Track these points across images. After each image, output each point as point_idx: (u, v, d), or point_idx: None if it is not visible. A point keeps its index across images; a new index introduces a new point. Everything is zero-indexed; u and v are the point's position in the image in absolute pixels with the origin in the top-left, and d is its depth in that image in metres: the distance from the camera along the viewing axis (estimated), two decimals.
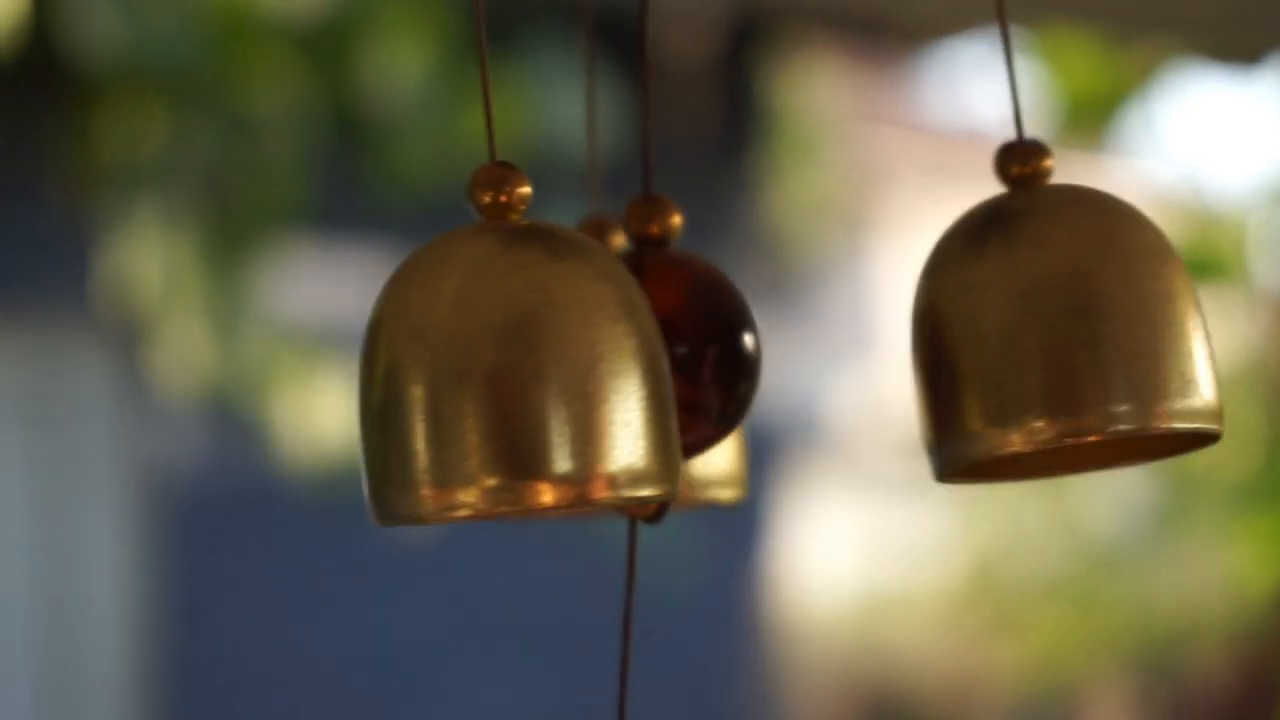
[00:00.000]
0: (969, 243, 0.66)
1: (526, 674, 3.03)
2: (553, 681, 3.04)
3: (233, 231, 2.15)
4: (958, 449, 0.65)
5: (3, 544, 2.68)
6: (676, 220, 0.68)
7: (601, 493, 0.59)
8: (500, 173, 0.62)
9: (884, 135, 4.87)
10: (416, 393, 0.59)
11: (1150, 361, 0.63)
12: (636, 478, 0.60)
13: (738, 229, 3.36)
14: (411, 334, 0.60)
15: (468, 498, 0.59)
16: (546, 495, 0.58)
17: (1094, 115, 2.89)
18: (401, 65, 2.14)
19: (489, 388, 0.59)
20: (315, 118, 2.14)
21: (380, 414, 0.60)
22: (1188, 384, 0.64)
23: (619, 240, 0.75)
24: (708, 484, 0.72)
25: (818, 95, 3.80)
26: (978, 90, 4.56)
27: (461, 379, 0.59)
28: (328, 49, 2.13)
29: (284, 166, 2.15)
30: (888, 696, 4.59)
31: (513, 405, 0.58)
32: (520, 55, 2.33)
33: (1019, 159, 0.68)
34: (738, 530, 3.29)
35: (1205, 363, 0.65)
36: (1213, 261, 3.15)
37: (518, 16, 2.41)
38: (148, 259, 2.13)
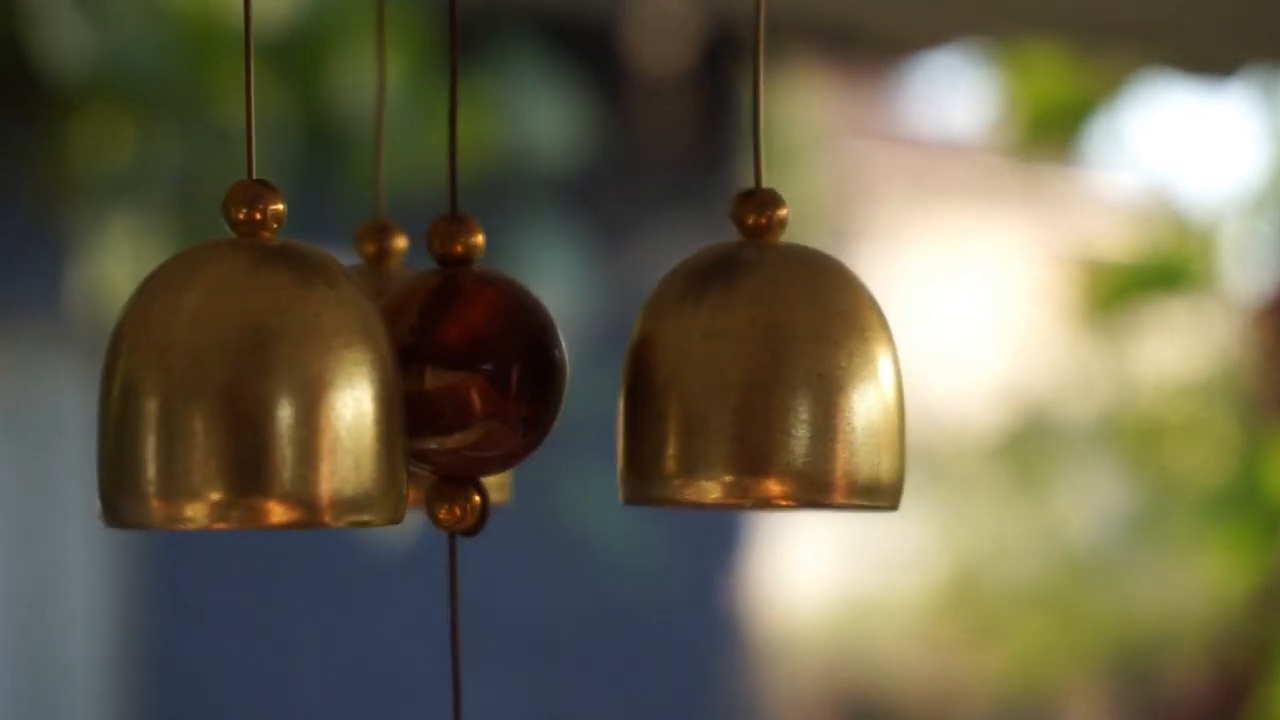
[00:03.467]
0: (690, 288, 0.67)
1: (511, 680, 3.04)
2: (537, 687, 3.06)
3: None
4: (649, 487, 0.66)
5: None
6: (479, 239, 0.69)
7: (324, 517, 0.61)
8: (254, 190, 0.64)
9: (866, 147, 4.89)
10: (150, 405, 0.61)
11: (834, 438, 0.64)
12: (359, 504, 0.62)
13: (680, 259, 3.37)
14: (149, 346, 0.61)
15: (194, 511, 0.60)
16: (274, 515, 0.60)
17: (1061, 126, 2.91)
18: (373, 76, 2.16)
19: (219, 405, 0.60)
20: (286, 128, 2.16)
21: (116, 422, 0.62)
22: (869, 463, 0.65)
23: (400, 243, 0.77)
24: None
25: (799, 108, 3.82)
26: (958, 102, 4.58)
27: (193, 395, 0.60)
28: (298, 60, 2.15)
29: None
30: (868, 704, 4.60)
31: (240, 424, 0.60)
32: (490, 66, 2.34)
33: (754, 208, 0.68)
34: (717, 538, 3.31)
35: (891, 444, 0.66)
36: (1184, 271, 3.16)
37: (488, 28, 2.43)
38: (121, 269, 2.14)
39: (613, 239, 2.94)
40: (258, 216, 0.63)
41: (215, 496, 0.60)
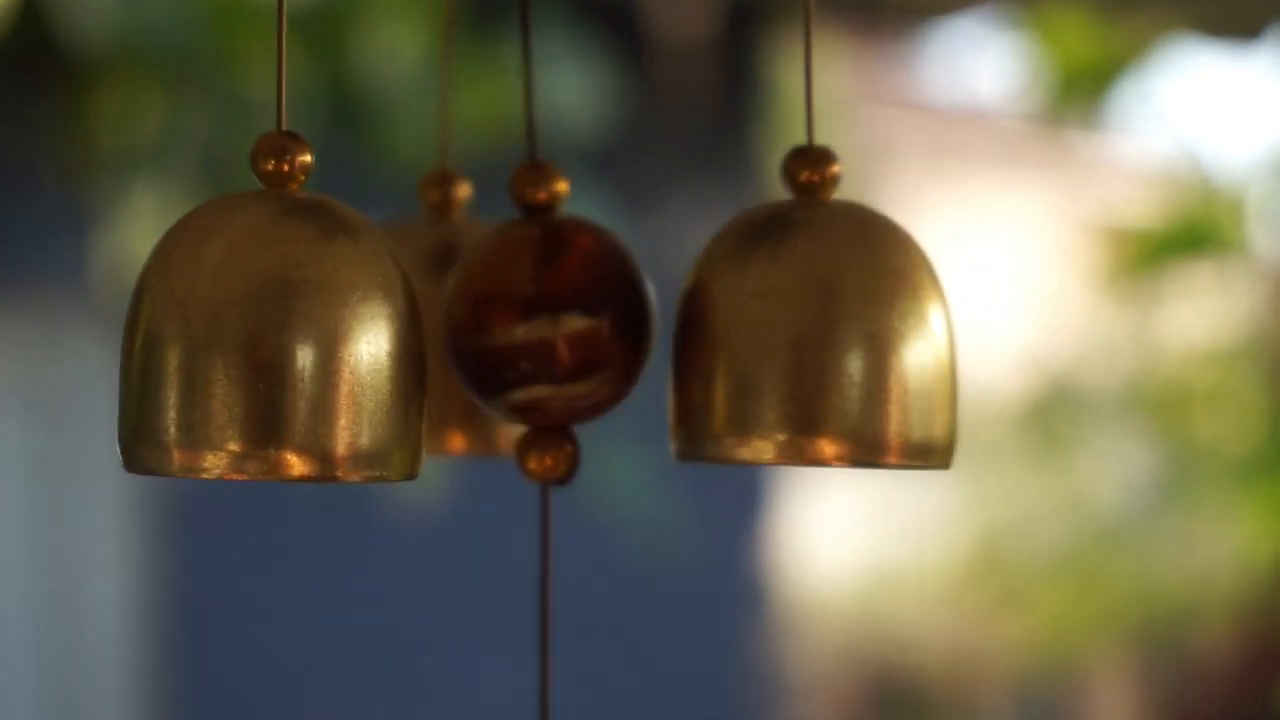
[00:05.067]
0: (742, 245, 0.66)
1: (529, 655, 3.04)
2: (562, 658, 3.06)
3: None
4: (700, 446, 0.66)
5: (2, 527, 2.69)
6: (562, 186, 0.69)
7: (340, 470, 0.61)
8: (283, 141, 0.64)
9: (886, 114, 4.87)
10: (171, 355, 0.61)
11: (887, 398, 0.64)
12: (375, 459, 0.61)
13: (739, 208, 3.36)
14: (171, 297, 0.61)
15: (212, 462, 0.60)
16: (290, 467, 0.60)
17: (1088, 89, 2.89)
18: (397, 45, 2.15)
19: (238, 357, 0.60)
20: (310, 98, 2.15)
21: (138, 371, 0.62)
22: (921, 423, 0.65)
23: (464, 192, 0.77)
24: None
25: (820, 74, 3.80)
26: (980, 68, 4.56)
27: (213, 346, 0.60)
28: (323, 29, 2.14)
29: None
30: (892, 672, 4.60)
31: (259, 377, 0.60)
32: (518, 34, 2.33)
33: (807, 164, 0.68)
34: (741, 506, 3.30)
35: (943, 403, 0.65)
36: (1212, 235, 3.15)
37: None
38: (146, 241, 2.14)
39: (636, 206, 2.92)
40: (285, 168, 0.63)
41: (233, 447, 0.60)
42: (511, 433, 0.73)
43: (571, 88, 2.37)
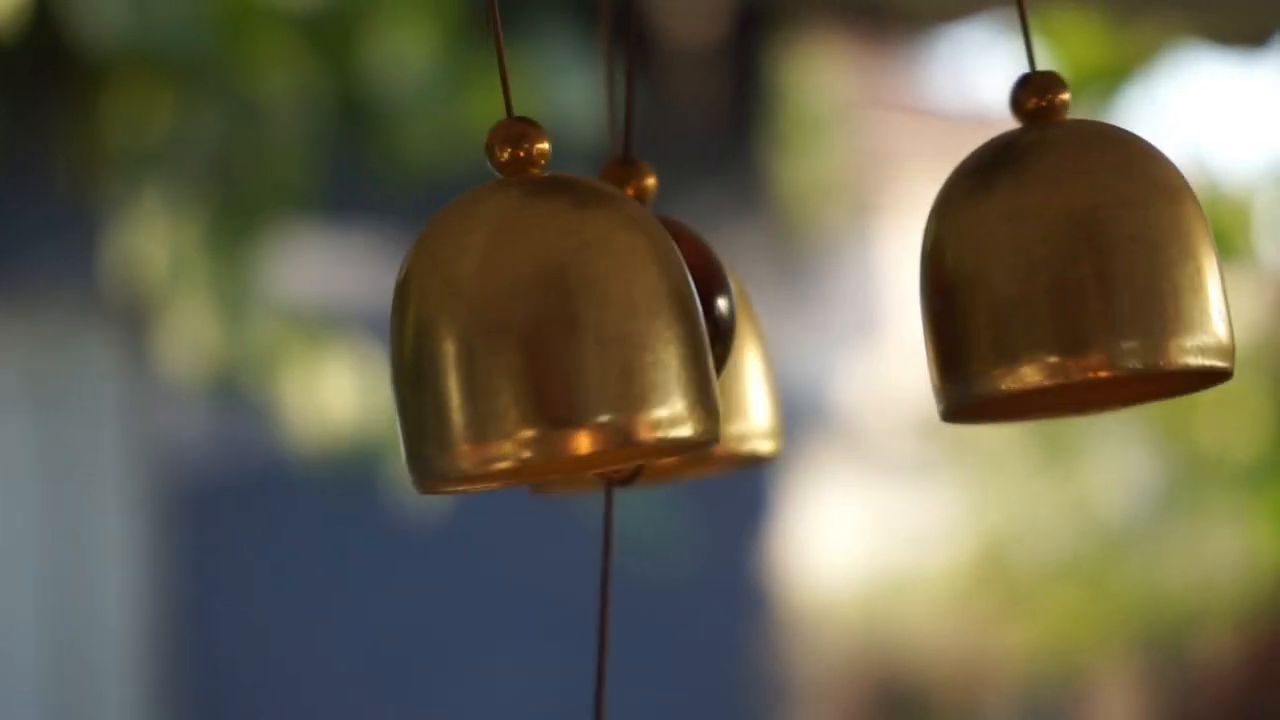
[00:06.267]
0: (979, 179, 0.65)
1: (540, 654, 3.04)
2: (564, 664, 3.06)
3: (239, 215, 2.16)
4: (966, 387, 0.64)
5: (11, 525, 2.69)
6: (651, 182, 0.68)
7: (644, 435, 0.59)
8: (519, 128, 0.62)
9: (891, 119, 4.87)
10: (449, 348, 0.59)
11: (1159, 299, 0.62)
12: (677, 420, 0.59)
13: (744, 213, 3.36)
14: (442, 289, 0.59)
15: (506, 450, 0.59)
16: (584, 443, 0.59)
17: (1096, 95, 2.89)
18: (406, 49, 2.15)
19: (523, 339, 0.58)
20: (321, 101, 2.15)
21: (414, 371, 0.60)
22: (1197, 321, 0.63)
23: (650, 181, 0.74)
24: (745, 438, 0.71)
25: (825, 80, 3.81)
26: (985, 74, 4.56)
27: (495, 331, 0.59)
28: (333, 33, 2.14)
29: (290, 150, 2.16)
30: (897, 679, 4.60)
31: (548, 354, 0.58)
32: (527, 38, 2.33)
33: (1035, 91, 0.67)
34: (746, 512, 3.30)
35: (1217, 299, 0.64)
36: (1218, 242, 3.15)
37: (521, 1, 2.42)
38: (155, 243, 2.14)
39: None
40: (522, 154, 0.62)
41: (528, 434, 0.58)
42: None
43: (578, 92, 2.37)
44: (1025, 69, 0.70)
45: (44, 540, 2.71)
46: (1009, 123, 0.69)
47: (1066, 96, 0.67)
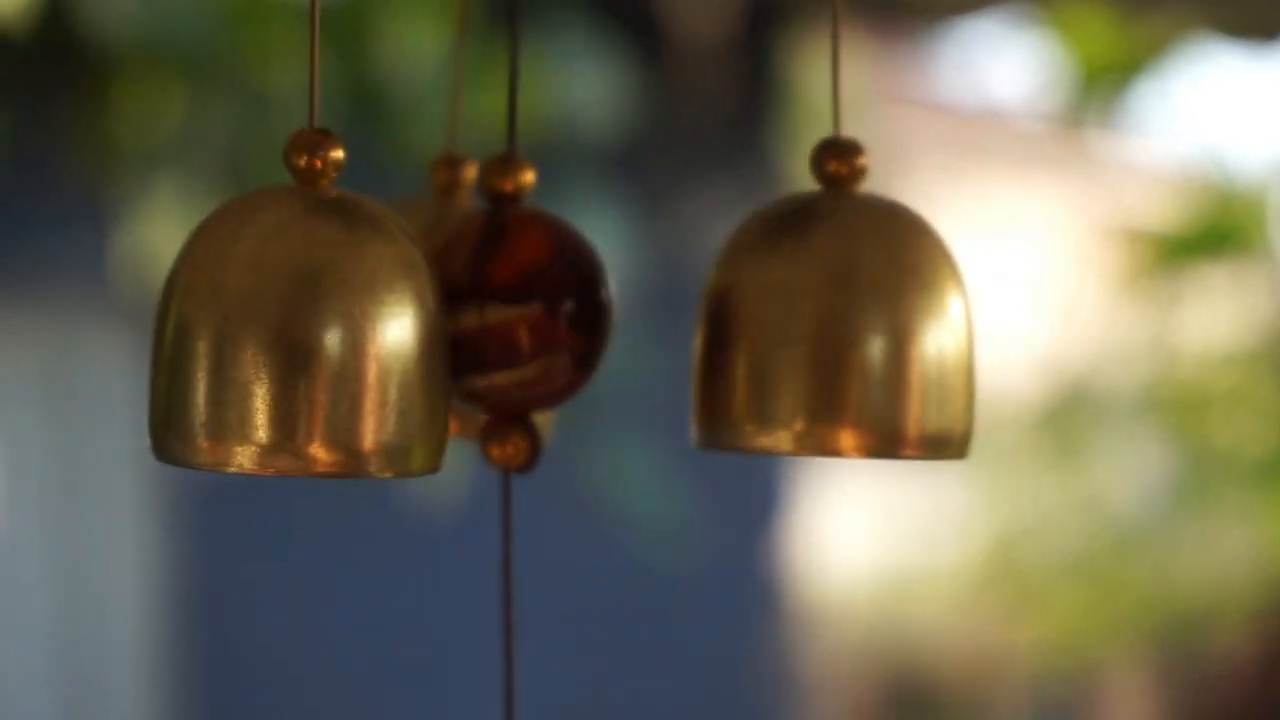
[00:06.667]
0: (767, 235, 0.67)
1: (547, 648, 3.04)
2: (574, 656, 3.06)
3: None
4: (723, 434, 0.67)
5: (21, 521, 2.70)
6: (529, 177, 0.70)
7: (369, 465, 0.61)
8: (315, 138, 0.65)
9: (904, 114, 4.86)
10: (202, 348, 0.61)
11: (900, 388, 0.65)
12: (399, 454, 0.62)
13: (762, 201, 3.36)
14: (203, 291, 0.62)
15: (241, 456, 0.61)
16: (319, 462, 0.61)
17: (1107, 90, 2.89)
18: (417, 43, 2.15)
19: (268, 352, 0.61)
20: (332, 95, 2.15)
21: (169, 362, 0.62)
22: (934, 415, 0.65)
23: (470, 173, 0.78)
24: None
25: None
26: (997, 68, 4.55)
27: (245, 341, 0.61)
28: (344, 26, 2.14)
29: None
30: (907, 675, 4.59)
31: (288, 374, 0.61)
32: (537, 34, 2.33)
33: (836, 155, 0.68)
34: (758, 507, 3.30)
35: (959, 392, 0.66)
36: (1231, 237, 3.14)
37: None
38: (166, 237, 2.14)
39: (655, 204, 2.93)
40: (318, 164, 0.64)
41: (263, 442, 0.60)
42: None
43: (591, 86, 2.37)
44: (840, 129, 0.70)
45: (54, 537, 2.72)
46: (1022, 117, 0.69)
47: (864, 162, 0.68)
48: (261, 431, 0.60)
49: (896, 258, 0.65)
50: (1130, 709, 4.69)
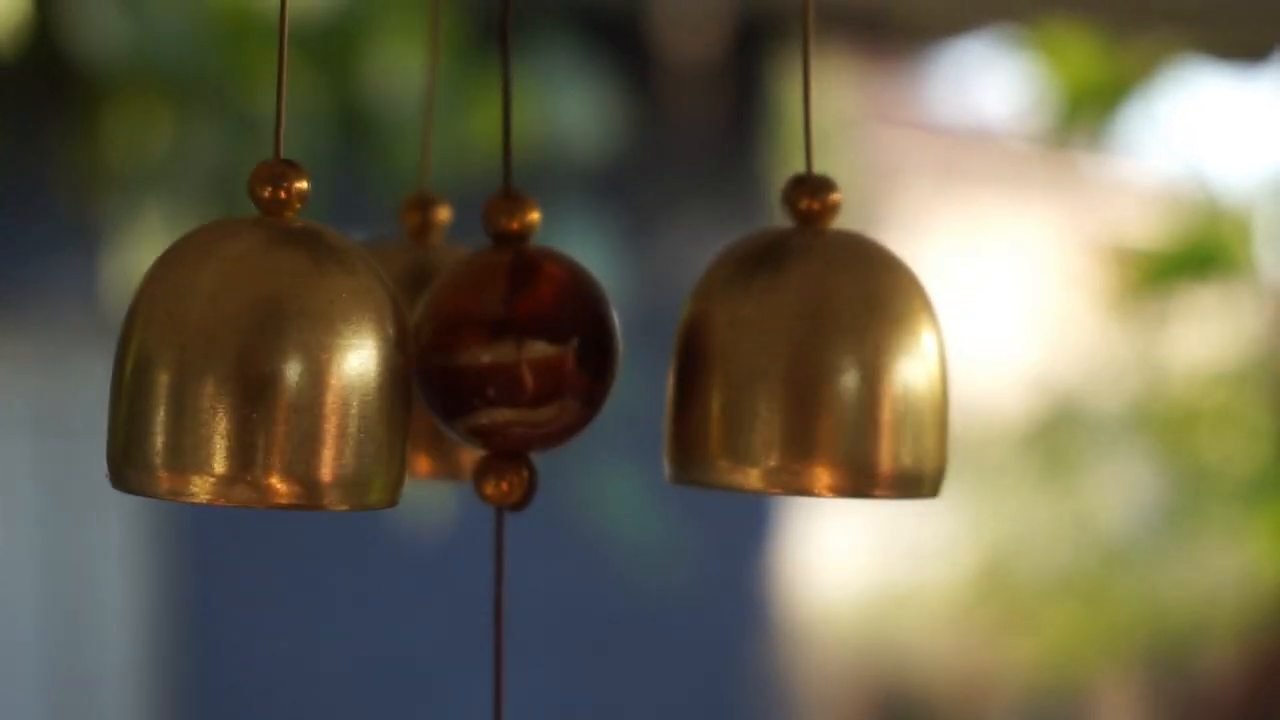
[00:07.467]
0: (740, 271, 0.67)
1: (539, 668, 3.04)
2: (566, 675, 3.06)
3: None
4: (695, 470, 0.67)
5: (12, 544, 2.70)
6: (535, 216, 0.69)
7: (326, 499, 0.61)
8: (279, 169, 0.64)
9: (893, 135, 4.87)
10: (162, 378, 0.61)
11: (871, 427, 0.65)
12: (358, 488, 0.62)
13: (746, 228, 3.36)
14: (164, 321, 0.62)
15: (198, 487, 0.61)
16: (278, 495, 0.61)
17: (1095, 111, 2.90)
18: (406, 65, 2.16)
19: (227, 382, 0.61)
20: (320, 118, 2.16)
21: (128, 391, 0.63)
22: (907, 453, 0.65)
23: (444, 215, 0.78)
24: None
25: (827, 94, 3.81)
26: (988, 89, 4.56)
27: (203, 371, 0.61)
28: (333, 49, 2.14)
29: None
30: (898, 693, 4.59)
31: (247, 403, 0.60)
32: (524, 57, 2.34)
33: (808, 192, 0.69)
34: (747, 527, 3.30)
35: (930, 432, 0.66)
36: (1218, 257, 3.15)
37: (520, 17, 2.42)
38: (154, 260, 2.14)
39: (643, 228, 2.93)
40: (282, 195, 0.64)
41: (221, 473, 0.60)
42: (473, 458, 0.74)
43: (578, 108, 2.37)
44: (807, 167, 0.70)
45: (44, 559, 2.71)
46: (1010, 138, 0.70)
47: (837, 198, 0.68)
48: (219, 463, 0.60)
49: (867, 294, 0.65)
50: None
